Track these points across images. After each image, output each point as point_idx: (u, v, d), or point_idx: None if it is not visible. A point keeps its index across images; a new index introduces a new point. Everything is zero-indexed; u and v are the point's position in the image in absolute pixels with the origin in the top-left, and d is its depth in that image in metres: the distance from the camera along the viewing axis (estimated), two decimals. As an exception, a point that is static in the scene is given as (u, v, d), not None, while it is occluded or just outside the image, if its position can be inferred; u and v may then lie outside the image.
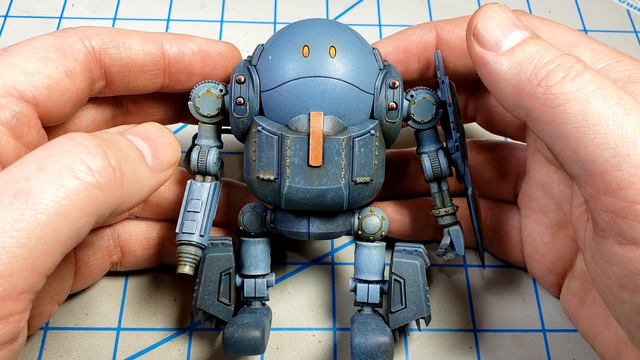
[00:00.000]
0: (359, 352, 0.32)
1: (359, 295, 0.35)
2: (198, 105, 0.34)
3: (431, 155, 0.35)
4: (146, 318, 0.38)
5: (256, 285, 0.35)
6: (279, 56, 0.32)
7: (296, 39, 0.32)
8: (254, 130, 0.32)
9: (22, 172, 0.23)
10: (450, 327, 0.39)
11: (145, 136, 0.29)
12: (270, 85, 0.32)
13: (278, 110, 0.32)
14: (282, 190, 0.32)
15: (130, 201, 0.27)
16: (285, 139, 0.31)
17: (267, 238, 0.35)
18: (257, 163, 0.32)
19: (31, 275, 0.23)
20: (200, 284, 0.34)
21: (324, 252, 0.41)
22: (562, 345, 0.38)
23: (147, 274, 0.40)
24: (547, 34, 0.33)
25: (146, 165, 0.28)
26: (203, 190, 0.34)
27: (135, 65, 0.33)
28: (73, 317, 0.38)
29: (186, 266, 0.33)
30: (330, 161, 0.32)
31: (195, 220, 0.33)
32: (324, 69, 0.31)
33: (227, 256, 0.34)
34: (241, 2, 0.54)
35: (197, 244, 0.33)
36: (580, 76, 0.27)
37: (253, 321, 0.33)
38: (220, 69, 0.35)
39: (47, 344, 0.37)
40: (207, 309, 0.34)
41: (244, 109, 0.32)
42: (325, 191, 0.32)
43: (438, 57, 0.35)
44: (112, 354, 0.37)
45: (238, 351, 0.32)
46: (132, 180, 0.26)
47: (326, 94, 0.31)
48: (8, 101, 0.28)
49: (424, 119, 0.34)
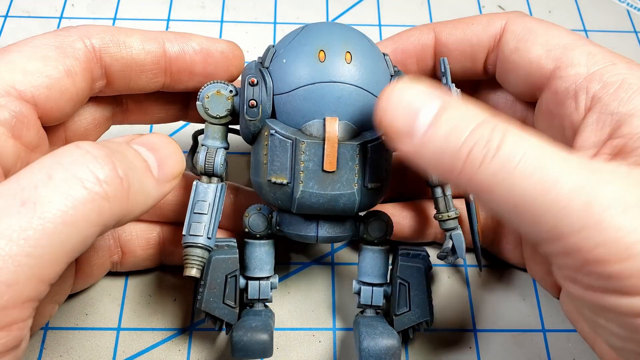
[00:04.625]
0: (368, 355, 0.32)
1: (363, 297, 0.35)
2: (207, 106, 0.33)
3: None
4: (146, 318, 0.38)
5: (260, 287, 0.35)
6: (294, 60, 0.32)
7: (312, 43, 0.32)
8: (266, 133, 0.32)
9: (30, 180, 0.23)
10: (450, 327, 0.39)
11: (152, 147, 0.29)
12: (284, 88, 0.32)
13: (292, 114, 0.32)
14: (294, 194, 0.32)
15: (135, 212, 0.27)
16: (299, 144, 0.31)
17: (272, 240, 0.35)
18: (269, 166, 0.32)
19: (36, 284, 0.23)
20: (206, 287, 0.33)
21: (324, 252, 0.41)
22: (562, 345, 0.38)
23: (147, 274, 0.40)
24: (544, 37, 0.33)
25: (152, 176, 0.28)
26: (209, 191, 0.33)
27: (136, 65, 0.33)
28: (73, 317, 0.38)
29: (193, 269, 0.32)
30: (344, 166, 0.31)
31: (202, 222, 0.32)
32: (340, 75, 0.31)
33: (232, 258, 0.34)
34: (241, 2, 0.54)
35: (204, 246, 0.33)
36: (500, 151, 0.25)
37: (261, 324, 0.33)
38: (222, 68, 0.35)
39: (47, 344, 0.37)
40: (212, 312, 0.33)
41: (257, 111, 0.32)
42: (338, 196, 0.32)
43: (445, 63, 0.35)
44: (112, 354, 0.37)
45: (247, 354, 0.32)
46: (138, 191, 0.26)
47: (341, 100, 0.31)
48: (7, 101, 0.28)
49: None
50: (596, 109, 0.30)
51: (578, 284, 0.26)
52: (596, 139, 0.30)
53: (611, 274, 0.24)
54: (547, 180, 0.24)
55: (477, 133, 0.26)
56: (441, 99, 0.27)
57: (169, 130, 0.46)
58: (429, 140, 0.26)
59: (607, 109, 0.30)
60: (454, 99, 0.27)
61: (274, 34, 0.52)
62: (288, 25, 0.53)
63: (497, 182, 0.25)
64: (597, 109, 0.30)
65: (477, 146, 0.25)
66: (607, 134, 0.30)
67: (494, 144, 0.25)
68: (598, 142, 0.30)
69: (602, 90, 0.30)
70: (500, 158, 0.25)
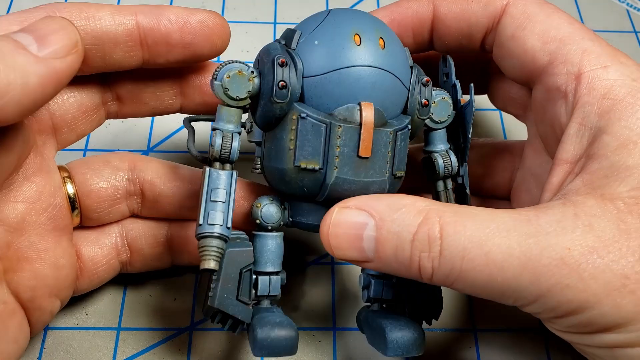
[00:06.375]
0: (396, 346, 0.31)
1: (374, 291, 0.34)
2: (227, 87, 0.31)
3: (442, 154, 0.35)
4: (146, 318, 0.38)
5: (271, 283, 0.33)
6: (328, 42, 0.31)
7: (345, 25, 0.31)
8: (294, 117, 0.30)
9: None
10: (450, 327, 0.39)
11: (29, 29, 0.27)
12: (317, 71, 0.30)
13: (323, 98, 0.31)
14: (327, 180, 0.30)
15: (13, 91, 0.25)
16: (335, 128, 0.30)
17: (282, 233, 0.34)
18: (298, 151, 0.30)
19: None
20: (219, 281, 0.31)
21: (324, 252, 0.41)
22: (562, 345, 0.38)
23: (147, 274, 0.39)
24: (542, 26, 0.32)
25: (26, 53, 0.26)
26: (224, 178, 0.31)
27: (107, 38, 0.32)
28: (73, 317, 0.38)
29: (211, 261, 0.30)
30: (378, 153, 0.31)
31: (219, 211, 0.30)
32: (376, 60, 0.30)
33: (247, 252, 0.32)
34: (241, 2, 0.54)
35: (221, 236, 0.30)
36: (444, 252, 0.27)
37: (285, 320, 0.31)
38: (202, 38, 0.33)
39: (47, 344, 0.37)
40: (226, 309, 0.31)
41: (286, 93, 0.30)
42: (370, 183, 0.31)
43: (449, 62, 0.35)
44: (112, 354, 0.37)
45: (273, 352, 0.30)
46: (4, 70, 0.25)
47: (377, 85, 0.31)
48: None
49: (440, 119, 0.35)
50: (578, 118, 0.30)
51: (555, 330, 0.29)
52: (575, 152, 0.30)
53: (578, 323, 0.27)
54: (492, 268, 0.27)
55: (417, 242, 0.28)
56: (372, 213, 0.29)
57: (168, 130, 0.46)
58: (383, 260, 0.29)
59: (587, 120, 0.30)
60: (383, 205, 0.29)
61: (274, 34, 0.52)
62: (288, 25, 0.52)
63: (451, 281, 0.28)
64: (579, 117, 0.30)
65: (423, 259, 0.28)
66: (584, 148, 0.30)
67: (435, 249, 0.27)
68: (575, 155, 0.30)
69: (587, 97, 0.30)
70: (446, 261, 0.27)
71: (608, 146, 0.29)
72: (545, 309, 0.27)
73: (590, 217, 0.27)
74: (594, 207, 0.27)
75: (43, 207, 0.32)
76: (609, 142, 0.29)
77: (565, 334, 0.29)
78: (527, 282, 0.26)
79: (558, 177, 0.31)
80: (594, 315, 0.26)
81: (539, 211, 0.28)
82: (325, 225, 0.30)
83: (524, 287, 0.27)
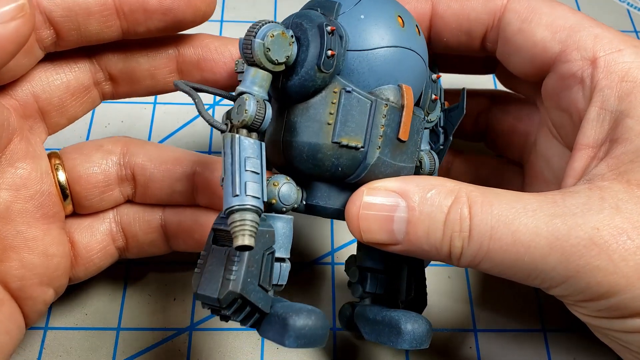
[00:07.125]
0: (413, 338, 0.31)
1: (370, 285, 0.34)
2: (269, 47, 0.28)
3: (427, 153, 0.35)
4: (146, 318, 0.38)
5: (281, 270, 0.29)
6: (375, 19, 0.29)
7: (388, 6, 0.30)
8: (335, 90, 0.29)
9: None
10: (450, 327, 0.39)
11: None
12: (362, 45, 0.29)
13: (365, 74, 0.29)
14: (368, 160, 0.29)
15: None
16: (381, 107, 0.29)
17: (293, 217, 0.30)
18: (339, 126, 0.29)
19: None
20: (243, 263, 0.27)
21: (324, 252, 0.41)
22: (562, 345, 0.38)
23: (147, 274, 0.40)
24: (548, 17, 0.32)
25: None
26: (256, 147, 0.27)
27: (80, 8, 0.30)
28: (73, 317, 0.38)
29: (248, 237, 0.25)
30: (412, 138, 0.31)
31: (256, 182, 0.27)
32: (415, 44, 0.30)
33: (270, 232, 0.28)
34: (241, 1, 0.54)
35: (258, 209, 0.26)
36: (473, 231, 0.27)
37: (315, 308, 0.28)
38: (182, 2, 0.31)
39: (47, 344, 0.37)
40: (249, 295, 0.27)
41: (332, 63, 0.28)
42: (401, 168, 0.31)
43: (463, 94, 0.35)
44: (112, 354, 0.37)
45: (309, 342, 0.27)
46: None
47: (415, 69, 0.30)
48: None
49: (432, 118, 0.35)
50: (597, 102, 0.30)
51: (581, 314, 0.28)
52: (596, 137, 0.30)
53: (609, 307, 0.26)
54: (519, 248, 0.26)
55: (449, 222, 0.28)
56: (403, 194, 0.29)
57: (169, 130, 0.46)
58: (413, 241, 0.29)
59: (607, 104, 0.30)
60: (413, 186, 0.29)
61: (274, 34, 0.52)
62: (288, 25, 0.53)
63: (478, 261, 0.28)
64: (599, 102, 0.30)
65: (455, 239, 0.28)
66: (605, 132, 0.30)
67: (465, 228, 0.27)
68: (597, 140, 0.30)
69: (605, 81, 0.30)
70: (474, 240, 0.27)
71: (632, 130, 0.28)
72: (573, 291, 0.27)
73: (617, 200, 0.26)
74: (620, 191, 0.27)
75: (30, 194, 0.31)
76: (632, 125, 0.28)
77: (593, 318, 0.28)
78: (555, 262, 0.26)
79: (580, 162, 0.30)
80: (625, 299, 0.26)
81: (565, 194, 0.27)
82: (354, 207, 0.29)
83: (551, 267, 0.26)
